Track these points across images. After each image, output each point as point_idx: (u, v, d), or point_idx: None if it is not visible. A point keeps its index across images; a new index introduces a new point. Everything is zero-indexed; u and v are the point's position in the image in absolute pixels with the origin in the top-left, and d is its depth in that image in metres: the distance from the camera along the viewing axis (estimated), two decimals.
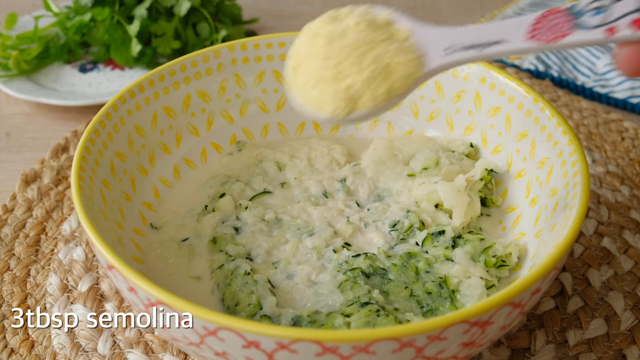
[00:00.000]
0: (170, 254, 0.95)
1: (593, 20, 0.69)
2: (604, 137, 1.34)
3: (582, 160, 0.86)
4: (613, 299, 0.99)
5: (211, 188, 1.08)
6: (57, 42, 1.60)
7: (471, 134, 1.10)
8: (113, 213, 0.92)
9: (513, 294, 0.68)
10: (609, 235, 1.10)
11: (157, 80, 1.05)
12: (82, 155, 0.89)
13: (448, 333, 0.66)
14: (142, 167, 1.04)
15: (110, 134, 0.96)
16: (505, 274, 0.91)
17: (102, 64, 1.62)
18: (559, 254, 0.73)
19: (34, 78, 1.55)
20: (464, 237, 0.95)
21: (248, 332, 0.65)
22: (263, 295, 0.87)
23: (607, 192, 1.19)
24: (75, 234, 1.12)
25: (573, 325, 0.96)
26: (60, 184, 1.23)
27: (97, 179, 0.90)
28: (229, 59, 1.11)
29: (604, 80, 1.52)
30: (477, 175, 1.01)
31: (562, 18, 0.71)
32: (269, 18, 1.90)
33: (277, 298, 0.88)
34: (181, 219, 1.03)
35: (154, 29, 1.56)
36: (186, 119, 1.10)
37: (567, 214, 0.81)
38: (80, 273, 1.04)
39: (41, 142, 1.39)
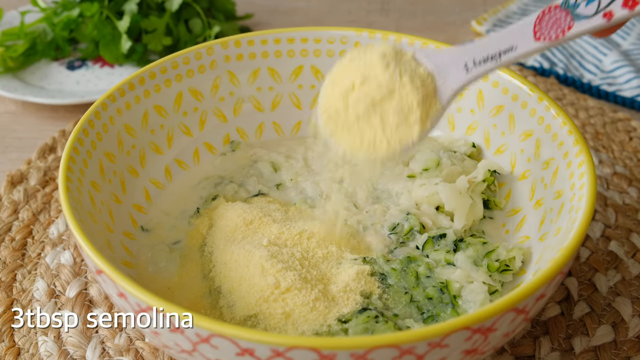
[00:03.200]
0: (161, 258, 0.95)
1: (588, 9, 0.75)
2: (611, 137, 1.35)
3: (589, 161, 0.86)
4: (620, 305, 0.99)
5: (204, 190, 1.08)
6: (45, 39, 1.60)
7: (473, 133, 1.10)
8: (102, 215, 0.92)
9: (517, 300, 0.68)
10: (616, 239, 1.10)
11: (147, 78, 1.05)
12: (70, 156, 0.89)
13: (449, 340, 0.66)
14: (133, 168, 1.03)
15: (99, 133, 0.96)
16: (508, 279, 0.92)
17: (91, 61, 1.62)
18: (565, 258, 0.73)
19: (21, 76, 1.55)
20: (465, 240, 0.95)
21: (242, 340, 0.65)
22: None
23: (615, 194, 1.19)
24: (62, 237, 1.12)
25: (579, 332, 0.96)
26: (48, 185, 1.23)
27: (85, 181, 0.90)
28: (222, 56, 1.11)
29: (611, 78, 1.52)
30: (480, 177, 1.02)
31: (559, 13, 0.77)
32: (264, 14, 1.91)
33: None
34: (173, 222, 1.03)
35: (145, 24, 1.56)
36: (178, 118, 1.10)
37: (573, 216, 0.81)
38: (68, 278, 1.04)
39: (28, 142, 1.39)
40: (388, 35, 1.10)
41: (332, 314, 0.84)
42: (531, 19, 0.79)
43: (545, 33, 0.77)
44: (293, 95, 1.17)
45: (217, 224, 0.99)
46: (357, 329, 0.81)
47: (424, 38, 1.09)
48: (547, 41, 0.77)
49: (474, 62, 0.82)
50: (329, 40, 1.13)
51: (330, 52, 1.13)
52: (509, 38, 0.80)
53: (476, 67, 0.82)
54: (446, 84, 0.84)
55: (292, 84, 1.16)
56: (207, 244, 0.97)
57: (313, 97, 1.17)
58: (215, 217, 1.00)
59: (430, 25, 1.86)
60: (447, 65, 0.84)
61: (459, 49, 0.84)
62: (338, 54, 1.13)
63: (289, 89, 1.17)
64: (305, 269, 0.89)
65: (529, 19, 0.79)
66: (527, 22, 0.79)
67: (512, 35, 0.80)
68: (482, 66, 0.82)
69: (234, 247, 0.92)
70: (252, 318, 0.84)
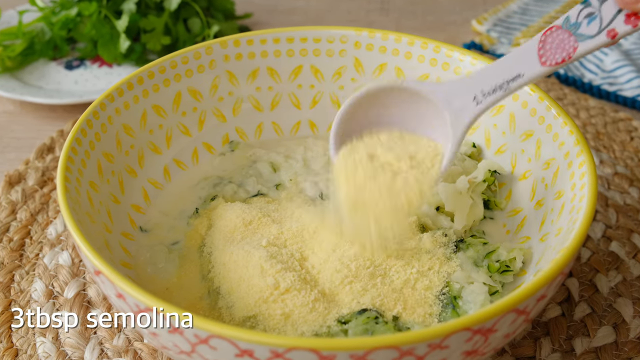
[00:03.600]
0: (160, 259, 0.95)
1: (590, 28, 0.76)
2: (612, 136, 1.35)
3: (590, 161, 0.86)
4: (622, 306, 1.00)
5: (202, 190, 1.08)
6: (43, 38, 1.60)
7: (474, 133, 1.10)
8: (100, 216, 0.92)
9: (517, 301, 0.68)
10: (617, 239, 1.10)
11: (146, 77, 1.05)
12: (69, 156, 0.89)
13: (450, 341, 0.66)
14: (131, 168, 1.03)
15: (97, 133, 0.96)
16: (509, 280, 0.92)
17: (89, 60, 1.62)
18: (566, 259, 0.73)
19: (18, 75, 1.55)
20: (466, 241, 0.95)
21: (241, 340, 0.65)
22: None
23: (616, 194, 1.19)
24: (61, 237, 1.12)
25: (580, 333, 0.96)
26: (46, 185, 1.23)
27: (84, 181, 0.90)
28: (221, 56, 1.11)
29: (612, 78, 1.52)
30: (480, 177, 1.02)
31: (562, 35, 0.78)
32: (263, 13, 1.91)
33: None
34: (171, 222, 1.03)
35: (143, 24, 1.56)
36: (177, 118, 1.10)
37: (574, 217, 0.81)
38: (67, 279, 1.04)
39: (26, 142, 1.39)
40: (388, 35, 1.10)
41: (332, 314, 0.84)
42: (535, 42, 0.80)
43: (551, 57, 0.79)
44: (292, 95, 1.17)
45: (216, 224, 0.99)
46: (357, 330, 0.81)
47: (424, 38, 1.10)
48: (554, 65, 0.79)
49: (482, 94, 0.85)
50: (328, 40, 1.13)
51: (330, 52, 1.13)
52: (516, 65, 0.82)
53: (485, 98, 0.85)
54: (459, 120, 0.87)
55: (292, 83, 1.16)
56: (206, 244, 0.97)
57: (312, 97, 1.17)
58: (214, 218, 1.00)
59: (430, 24, 1.86)
60: (458, 98, 0.87)
61: (467, 81, 0.87)
62: (338, 53, 1.13)
63: (289, 88, 1.17)
64: (304, 269, 0.89)
65: (533, 42, 0.81)
66: (532, 47, 0.81)
67: (518, 62, 0.82)
68: (491, 96, 0.85)
69: (233, 247, 0.92)
70: (252, 319, 0.84)
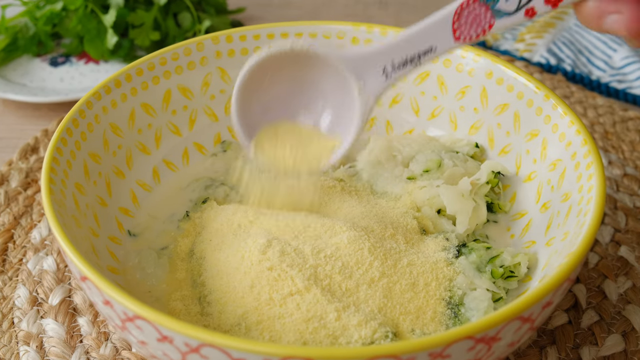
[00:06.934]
0: (149, 264, 0.95)
1: (509, 5, 0.78)
2: (621, 136, 1.35)
3: (598, 162, 0.86)
4: (631, 313, 1.00)
5: (193, 192, 1.08)
6: (26, 34, 1.60)
7: (477, 133, 1.10)
8: (87, 219, 0.92)
9: (522, 308, 0.68)
10: (626, 244, 1.10)
11: (134, 74, 1.05)
12: (53, 157, 0.88)
13: (451, 350, 0.66)
14: (119, 169, 1.03)
15: (83, 133, 0.96)
16: (513, 286, 0.92)
17: (75, 57, 1.62)
18: (572, 264, 0.73)
19: (1, 72, 1.55)
20: (468, 245, 0.95)
21: (233, 349, 0.65)
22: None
23: (625, 196, 1.19)
24: (45, 242, 1.12)
25: (587, 342, 0.96)
26: (30, 187, 1.23)
27: (69, 183, 0.90)
28: (213, 52, 1.11)
29: (621, 75, 1.53)
30: (483, 178, 1.02)
31: (479, 8, 0.79)
32: (257, 7, 1.91)
33: None
34: (161, 226, 1.03)
35: (132, 19, 1.56)
36: (166, 117, 1.10)
37: (581, 220, 0.82)
38: (51, 285, 1.04)
39: (8, 142, 1.39)
40: (387, 30, 1.11)
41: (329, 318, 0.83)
42: (449, 12, 0.81)
43: (465, 32, 0.81)
44: None
45: (207, 228, 0.99)
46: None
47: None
48: (467, 41, 0.81)
49: (392, 66, 0.87)
50: (325, 35, 1.13)
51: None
52: (428, 38, 0.84)
53: (395, 71, 0.87)
54: (367, 90, 0.89)
55: None
56: (196, 249, 0.97)
57: None
58: (206, 221, 1.00)
59: None
60: (366, 69, 0.88)
61: (377, 50, 0.87)
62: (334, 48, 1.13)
63: None
64: (301, 272, 0.89)
65: (448, 12, 0.82)
66: (447, 19, 0.82)
67: (431, 35, 0.84)
68: (401, 70, 0.87)
69: (224, 252, 0.92)
70: (244, 326, 0.84)
